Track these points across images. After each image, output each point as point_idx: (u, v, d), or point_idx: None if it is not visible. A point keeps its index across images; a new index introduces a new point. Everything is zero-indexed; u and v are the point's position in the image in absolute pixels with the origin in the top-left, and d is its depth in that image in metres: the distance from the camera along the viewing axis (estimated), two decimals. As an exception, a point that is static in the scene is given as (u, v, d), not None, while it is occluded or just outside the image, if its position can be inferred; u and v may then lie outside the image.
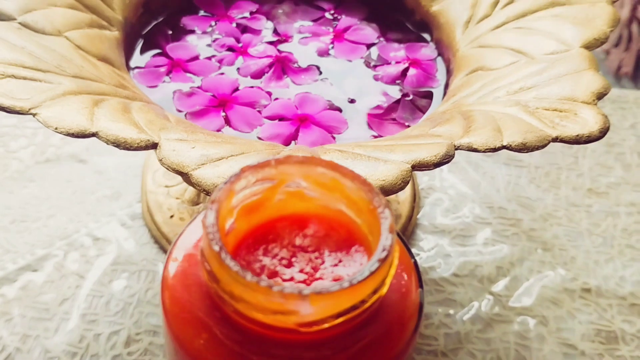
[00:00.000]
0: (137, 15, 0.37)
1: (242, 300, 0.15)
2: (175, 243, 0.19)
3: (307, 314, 0.15)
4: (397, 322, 0.17)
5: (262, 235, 0.18)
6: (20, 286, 0.37)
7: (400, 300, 0.18)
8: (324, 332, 0.16)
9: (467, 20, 0.37)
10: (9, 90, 0.25)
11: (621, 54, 1.23)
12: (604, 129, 0.27)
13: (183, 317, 0.17)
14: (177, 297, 0.17)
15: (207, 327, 0.17)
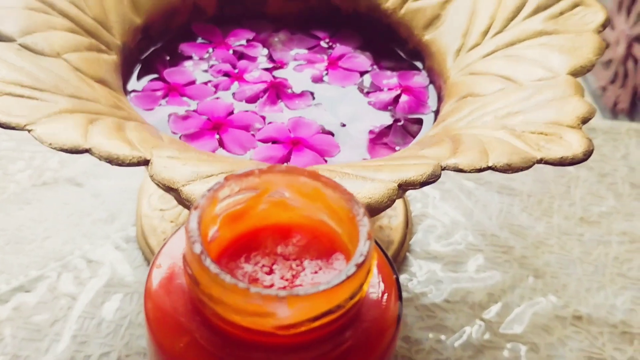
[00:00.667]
0: (136, 41, 0.38)
1: (221, 302, 0.15)
2: (160, 251, 0.19)
3: (285, 317, 0.15)
4: (375, 332, 0.18)
5: (245, 243, 0.18)
6: (12, 307, 0.37)
7: (379, 311, 0.18)
8: (302, 335, 0.16)
9: (458, 49, 0.37)
10: (6, 107, 0.26)
11: (617, 90, 1.24)
12: (588, 152, 0.27)
13: (164, 321, 0.17)
14: (159, 302, 0.18)
15: (187, 331, 0.17)
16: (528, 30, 0.36)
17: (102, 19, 0.35)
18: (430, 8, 0.39)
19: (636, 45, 1.18)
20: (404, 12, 0.40)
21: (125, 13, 0.37)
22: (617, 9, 1.26)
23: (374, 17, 0.41)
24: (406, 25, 0.40)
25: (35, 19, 0.32)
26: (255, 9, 0.43)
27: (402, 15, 0.40)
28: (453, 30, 0.38)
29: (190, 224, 0.16)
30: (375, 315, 0.18)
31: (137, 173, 0.45)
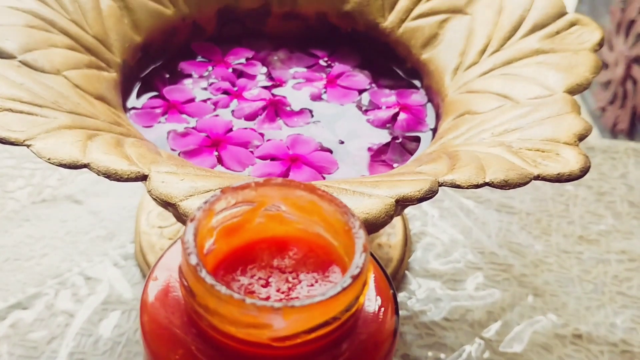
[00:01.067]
0: (136, 59, 0.38)
1: (216, 314, 0.15)
2: (156, 264, 0.19)
3: (280, 328, 0.15)
4: (371, 345, 0.17)
5: (241, 256, 0.18)
6: (9, 324, 0.37)
7: (376, 325, 0.18)
8: (297, 347, 0.16)
9: (455, 67, 0.38)
10: (5, 123, 0.26)
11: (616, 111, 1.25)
12: (585, 168, 0.27)
13: (160, 333, 0.17)
14: (155, 314, 0.18)
15: (183, 343, 0.17)
16: (525, 49, 0.36)
17: (103, 36, 0.36)
18: (428, 27, 0.40)
19: (635, 67, 1.19)
20: (402, 31, 0.40)
21: (125, 31, 0.37)
22: (616, 31, 1.27)
23: (372, 36, 0.42)
24: (404, 44, 0.40)
25: (36, 37, 0.32)
26: (255, 28, 0.43)
27: (400, 34, 0.41)
28: (451, 49, 0.38)
29: (187, 236, 0.16)
30: (372, 329, 0.18)
31: (136, 191, 0.45)
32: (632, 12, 1.19)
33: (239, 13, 0.42)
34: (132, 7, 0.38)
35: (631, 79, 1.18)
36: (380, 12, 0.41)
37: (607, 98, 1.27)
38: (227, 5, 0.42)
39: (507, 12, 0.38)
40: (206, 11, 0.41)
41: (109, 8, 0.37)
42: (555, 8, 0.37)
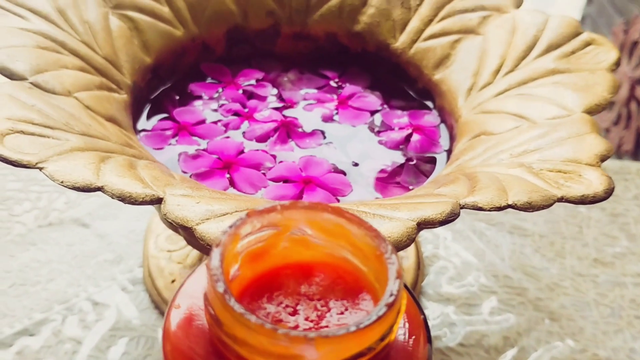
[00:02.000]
0: (146, 80, 0.37)
1: (245, 344, 0.15)
2: (178, 291, 0.18)
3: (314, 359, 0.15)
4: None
5: (266, 283, 0.17)
6: (16, 351, 0.36)
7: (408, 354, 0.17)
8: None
9: (469, 88, 0.37)
10: (17, 145, 0.25)
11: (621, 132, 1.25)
12: (609, 190, 0.26)
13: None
14: (178, 343, 0.17)
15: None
16: (540, 69, 0.35)
17: (113, 58, 0.35)
18: (440, 48, 0.39)
19: (639, 87, 1.19)
20: (413, 51, 0.40)
21: (135, 52, 0.37)
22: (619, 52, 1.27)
23: (383, 56, 0.41)
24: (416, 64, 0.40)
25: (47, 58, 0.32)
26: (264, 48, 0.43)
27: (411, 55, 0.40)
28: (464, 70, 0.38)
29: (213, 262, 0.15)
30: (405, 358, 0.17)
31: (144, 214, 0.45)
32: (634, 34, 1.19)
33: (249, 33, 0.42)
34: (141, 28, 0.37)
35: (635, 100, 1.18)
36: (391, 32, 0.41)
37: (612, 119, 1.27)
38: (236, 26, 0.41)
39: (520, 32, 0.37)
40: (215, 32, 0.41)
41: (119, 29, 0.37)
42: (569, 28, 0.36)
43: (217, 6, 0.40)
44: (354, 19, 0.42)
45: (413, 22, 0.41)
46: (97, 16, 0.36)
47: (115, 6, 0.37)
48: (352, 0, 0.42)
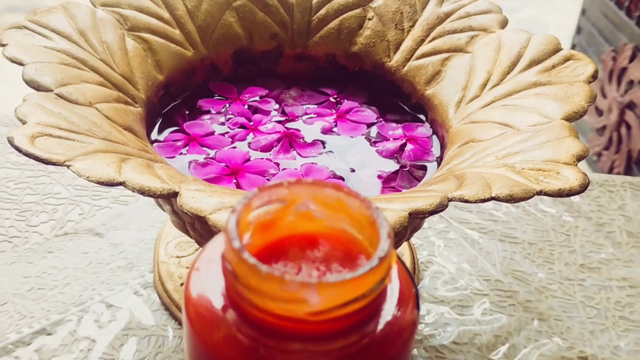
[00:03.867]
0: (158, 96, 0.40)
1: (258, 291, 0.17)
2: (197, 257, 0.21)
3: (315, 303, 0.17)
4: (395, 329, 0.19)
5: (274, 251, 0.20)
6: (34, 349, 0.38)
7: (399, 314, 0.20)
8: (330, 323, 0.17)
9: (458, 101, 0.40)
10: (47, 146, 0.28)
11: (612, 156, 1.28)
12: (584, 185, 0.29)
13: (203, 317, 0.19)
14: (198, 300, 0.19)
15: (225, 324, 0.19)
16: (523, 82, 0.38)
17: (129, 75, 0.38)
18: (431, 65, 0.42)
19: (628, 112, 1.22)
20: (407, 69, 0.43)
21: (149, 71, 0.40)
22: (608, 79, 1.30)
23: (378, 74, 0.44)
24: (409, 81, 0.43)
25: (70, 73, 0.34)
26: (268, 68, 0.46)
27: (405, 72, 0.43)
28: (453, 85, 0.41)
29: (229, 225, 0.18)
30: (396, 317, 0.19)
31: (154, 225, 0.47)
32: (623, 61, 1.23)
33: (254, 55, 0.45)
34: (155, 48, 0.40)
35: (625, 124, 1.22)
36: (386, 52, 0.44)
37: (603, 143, 1.30)
38: (243, 48, 0.44)
39: (505, 50, 0.40)
40: (223, 53, 0.44)
41: (134, 49, 0.40)
42: (550, 45, 0.39)
43: (224, 29, 0.44)
44: (351, 41, 0.45)
45: (406, 42, 0.44)
46: (114, 37, 0.39)
47: (130, 28, 0.40)
48: (350, 23, 0.45)
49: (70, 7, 0.39)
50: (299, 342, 0.18)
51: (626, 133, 1.22)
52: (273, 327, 0.18)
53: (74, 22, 0.38)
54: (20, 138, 0.27)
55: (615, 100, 1.25)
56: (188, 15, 0.42)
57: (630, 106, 1.21)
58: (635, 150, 1.20)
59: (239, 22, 0.44)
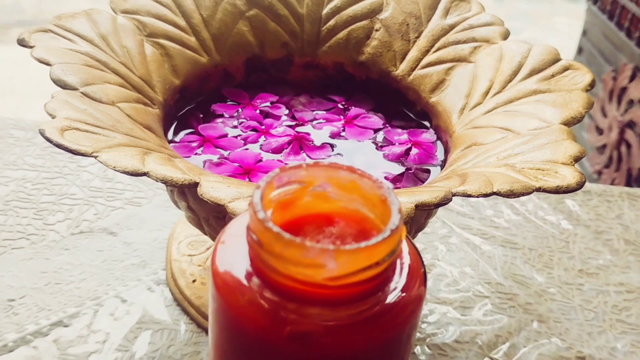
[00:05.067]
0: (174, 100, 0.42)
1: (281, 257, 0.19)
2: (222, 231, 0.23)
3: (333, 269, 0.18)
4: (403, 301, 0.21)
5: (292, 228, 0.21)
6: (52, 339, 0.40)
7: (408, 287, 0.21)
8: (345, 288, 0.19)
9: (462, 108, 0.42)
10: (75, 139, 0.30)
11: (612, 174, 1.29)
12: (581, 183, 0.31)
13: (229, 284, 0.21)
14: (224, 269, 0.21)
15: (248, 290, 0.20)
16: (524, 90, 0.40)
17: (147, 78, 0.40)
18: (436, 74, 0.44)
19: (628, 131, 1.24)
20: (412, 78, 0.45)
21: (166, 75, 0.42)
22: (609, 98, 1.33)
23: (384, 82, 0.46)
24: (414, 89, 0.45)
25: (93, 74, 0.36)
26: (279, 76, 0.48)
27: (410, 81, 0.45)
28: (457, 93, 0.43)
29: (254, 199, 0.19)
30: (405, 289, 0.21)
31: (166, 225, 0.49)
32: (623, 81, 1.25)
33: (265, 63, 0.47)
34: (171, 54, 0.42)
35: (625, 143, 1.23)
36: (392, 61, 0.46)
37: (603, 162, 1.31)
38: (255, 55, 0.46)
39: (507, 60, 0.42)
40: (236, 60, 0.46)
41: (152, 54, 0.41)
42: (550, 55, 0.41)
43: (237, 38, 0.45)
44: (359, 50, 0.47)
45: (412, 52, 0.46)
46: (133, 42, 0.41)
47: (149, 35, 0.42)
48: (358, 34, 0.47)
49: (93, 13, 0.41)
50: (316, 307, 0.19)
51: (626, 151, 1.23)
52: (293, 292, 0.19)
53: (96, 27, 0.40)
54: (51, 130, 0.29)
55: (615, 119, 1.27)
56: (203, 23, 0.44)
57: (630, 125, 1.23)
58: (635, 169, 1.21)
59: (251, 31, 0.46)
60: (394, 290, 0.21)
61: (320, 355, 0.19)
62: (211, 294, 0.21)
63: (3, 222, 0.48)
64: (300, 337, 0.19)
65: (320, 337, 0.19)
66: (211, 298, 0.21)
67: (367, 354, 0.20)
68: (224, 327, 0.21)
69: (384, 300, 0.20)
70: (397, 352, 0.21)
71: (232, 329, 0.21)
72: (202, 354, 0.40)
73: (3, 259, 0.45)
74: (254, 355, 0.21)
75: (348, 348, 0.20)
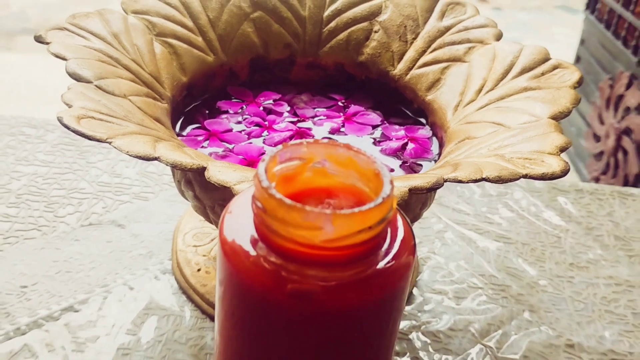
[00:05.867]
0: (182, 96, 0.44)
1: (283, 221, 0.20)
2: (230, 203, 0.24)
3: (330, 231, 0.20)
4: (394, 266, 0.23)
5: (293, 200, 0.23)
6: (63, 323, 0.42)
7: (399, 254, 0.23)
8: (341, 250, 0.21)
9: (456, 105, 0.44)
10: (90, 126, 0.32)
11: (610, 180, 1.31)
12: (565, 170, 0.33)
13: (235, 248, 0.22)
14: (231, 235, 0.23)
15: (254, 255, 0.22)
16: (515, 87, 0.42)
17: (156, 74, 0.42)
18: (432, 73, 0.46)
19: (625, 138, 1.26)
20: (409, 77, 0.47)
21: (174, 72, 0.44)
22: (606, 106, 1.35)
23: (383, 82, 0.48)
24: (411, 88, 0.47)
25: (106, 69, 0.38)
26: (282, 75, 0.50)
27: (407, 80, 0.47)
28: (452, 91, 0.45)
29: (259, 170, 0.21)
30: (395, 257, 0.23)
31: (172, 218, 0.51)
32: (620, 88, 1.28)
33: (269, 62, 0.49)
34: (179, 52, 0.44)
35: (622, 150, 1.25)
36: (390, 62, 0.48)
37: (601, 168, 1.33)
38: (259, 56, 0.48)
39: (499, 59, 0.44)
40: (241, 60, 0.48)
41: (161, 52, 0.43)
42: (540, 55, 0.43)
43: (242, 38, 0.48)
44: (358, 51, 0.49)
45: (409, 53, 0.48)
46: (144, 41, 0.43)
47: (158, 34, 0.44)
48: (357, 35, 0.49)
49: (105, 13, 0.43)
50: (315, 268, 0.21)
51: (623, 158, 1.25)
52: (294, 254, 0.21)
53: (108, 26, 0.42)
54: (68, 118, 0.31)
55: (612, 126, 1.29)
56: (210, 24, 0.46)
57: (626, 132, 1.25)
58: (631, 175, 1.23)
59: (255, 33, 0.48)
60: (386, 257, 0.22)
61: (318, 311, 0.21)
62: (219, 261, 0.23)
63: (15, 214, 0.50)
64: (300, 295, 0.21)
65: (318, 295, 0.21)
66: (219, 265, 0.23)
67: (360, 311, 0.22)
68: (232, 291, 0.23)
69: (377, 265, 0.22)
70: (387, 312, 0.23)
71: (239, 290, 0.22)
72: (206, 339, 0.42)
73: (16, 248, 0.47)
74: (259, 312, 0.22)
75: (343, 306, 0.21)
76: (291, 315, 0.22)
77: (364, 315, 0.22)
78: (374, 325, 0.23)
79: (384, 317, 0.23)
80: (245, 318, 0.23)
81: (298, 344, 0.23)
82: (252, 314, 0.23)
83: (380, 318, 0.23)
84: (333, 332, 0.22)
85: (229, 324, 0.24)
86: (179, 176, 0.39)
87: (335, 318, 0.22)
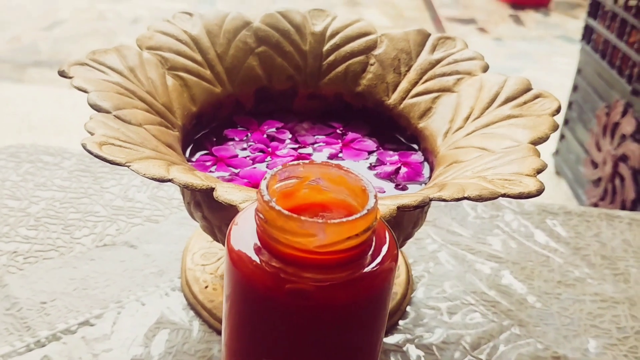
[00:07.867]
0: (192, 125, 0.48)
1: (282, 229, 0.24)
2: (236, 216, 0.28)
3: (322, 238, 0.24)
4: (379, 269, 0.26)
5: (292, 214, 0.26)
6: (80, 336, 0.45)
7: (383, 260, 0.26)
8: (332, 254, 0.24)
9: (446, 131, 0.47)
10: (111, 152, 0.35)
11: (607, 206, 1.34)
12: (540, 190, 0.36)
13: (240, 255, 0.26)
14: (237, 243, 0.26)
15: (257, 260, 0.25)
16: (499, 115, 0.46)
17: (169, 105, 0.46)
18: (424, 102, 0.50)
19: (621, 164, 1.29)
20: (403, 106, 0.51)
21: (184, 102, 0.47)
22: (602, 133, 1.38)
23: (379, 110, 0.52)
24: (405, 116, 0.50)
25: (123, 100, 0.42)
26: (285, 105, 0.53)
27: (401, 109, 0.51)
28: (442, 119, 0.48)
29: (262, 186, 0.25)
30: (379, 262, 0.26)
31: (181, 239, 0.54)
32: (616, 116, 1.31)
33: (273, 93, 0.53)
34: (190, 84, 0.48)
35: (619, 176, 1.28)
36: (385, 92, 0.52)
37: (599, 194, 1.36)
38: (263, 87, 0.52)
39: (485, 89, 0.48)
40: (246, 91, 0.52)
41: (173, 84, 0.47)
42: (523, 85, 0.47)
43: (248, 71, 0.51)
44: (356, 82, 0.52)
45: (403, 84, 0.51)
46: (157, 75, 0.47)
47: (170, 68, 0.48)
48: (355, 68, 0.52)
49: (122, 49, 0.47)
50: (310, 271, 0.25)
51: (620, 184, 1.28)
52: (291, 258, 0.24)
53: (125, 61, 0.46)
54: (91, 144, 0.35)
55: (609, 153, 1.32)
56: (218, 58, 0.50)
57: (623, 159, 1.28)
58: (628, 201, 1.26)
59: (260, 66, 0.52)
60: (372, 262, 0.26)
61: (313, 308, 0.24)
62: (227, 267, 0.26)
63: (34, 235, 0.53)
64: (297, 294, 0.24)
65: (313, 294, 0.24)
66: (226, 271, 0.27)
67: (349, 308, 0.25)
68: (238, 292, 0.26)
69: (364, 268, 0.25)
70: (373, 308, 0.26)
71: (244, 291, 0.26)
72: (213, 350, 0.45)
73: (36, 267, 0.50)
74: (261, 310, 0.26)
75: (334, 303, 0.25)
76: (289, 311, 0.25)
77: (352, 311, 0.25)
78: (361, 320, 0.26)
79: (370, 313, 0.26)
80: (249, 317, 0.26)
81: (296, 336, 0.26)
82: (256, 310, 0.26)
83: (367, 314, 0.26)
84: (326, 326, 0.25)
85: (235, 325, 0.27)
86: (189, 198, 0.43)
87: (327, 314, 0.25)
